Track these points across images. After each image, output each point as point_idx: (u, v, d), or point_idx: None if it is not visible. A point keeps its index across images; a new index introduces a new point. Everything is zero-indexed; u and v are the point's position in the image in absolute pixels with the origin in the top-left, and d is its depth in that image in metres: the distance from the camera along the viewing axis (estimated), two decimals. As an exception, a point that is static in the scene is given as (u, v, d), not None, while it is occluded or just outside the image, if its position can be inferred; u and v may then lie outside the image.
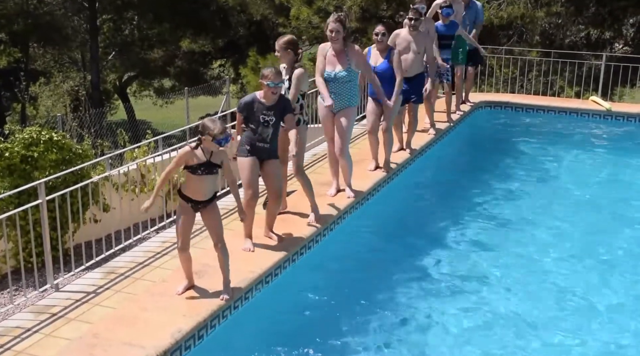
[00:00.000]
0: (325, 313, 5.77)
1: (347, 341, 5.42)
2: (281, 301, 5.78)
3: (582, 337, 5.64)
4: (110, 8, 26.83)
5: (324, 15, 17.22)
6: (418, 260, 6.78)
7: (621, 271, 6.76)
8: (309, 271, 6.26)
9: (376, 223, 7.51)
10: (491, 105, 11.96)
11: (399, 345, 5.42)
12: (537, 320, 5.83)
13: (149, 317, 5.03)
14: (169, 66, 27.23)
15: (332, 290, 6.13)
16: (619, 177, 9.60)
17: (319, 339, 5.40)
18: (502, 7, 15.78)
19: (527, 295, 6.24)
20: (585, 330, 5.74)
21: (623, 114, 11.43)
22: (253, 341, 5.33)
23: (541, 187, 9.07)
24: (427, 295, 6.15)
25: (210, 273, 5.63)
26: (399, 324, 5.68)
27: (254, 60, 19.43)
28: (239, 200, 5.61)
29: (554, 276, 6.60)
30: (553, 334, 5.65)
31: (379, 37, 7.68)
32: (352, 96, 7.17)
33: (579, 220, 7.95)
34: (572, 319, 5.89)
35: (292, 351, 5.22)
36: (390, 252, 6.93)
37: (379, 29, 7.66)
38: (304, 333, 5.50)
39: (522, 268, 6.77)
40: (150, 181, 8.14)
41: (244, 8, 21.45)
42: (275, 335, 5.44)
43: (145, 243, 6.52)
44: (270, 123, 6.06)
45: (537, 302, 6.12)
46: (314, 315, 5.72)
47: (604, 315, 5.96)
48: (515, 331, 5.69)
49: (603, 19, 16.70)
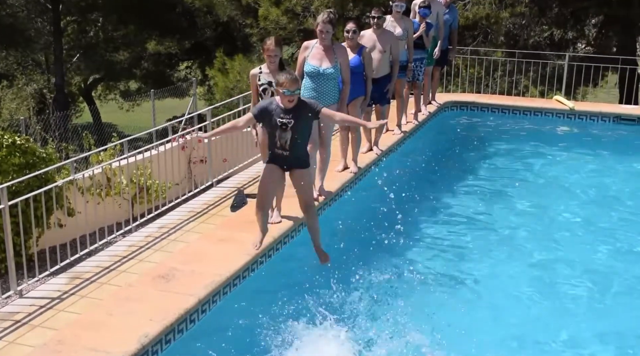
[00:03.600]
0: (294, 316, 5.75)
1: (319, 340, 5.42)
2: (249, 304, 5.75)
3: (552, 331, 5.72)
4: (74, 10, 26.47)
5: (292, 15, 17.24)
6: (386, 259, 6.80)
7: (592, 262, 6.94)
8: (278, 274, 6.24)
9: (345, 224, 7.51)
10: (457, 105, 12.07)
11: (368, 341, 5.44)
12: (510, 316, 5.91)
13: (115, 322, 4.97)
14: (134, 68, 26.97)
15: (302, 291, 6.11)
16: (582, 174, 9.76)
17: (291, 338, 5.39)
18: (467, 7, 15.96)
19: (495, 290, 6.31)
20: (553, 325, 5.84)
21: (586, 113, 11.62)
22: (222, 344, 5.30)
23: (507, 185, 9.18)
24: (396, 294, 6.16)
25: (177, 277, 5.59)
26: (366, 328, 5.67)
27: (221, 61, 19.35)
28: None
29: (521, 272, 6.69)
30: (527, 331, 5.75)
31: (350, 35, 7.64)
32: (335, 93, 7.12)
33: (544, 216, 8.06)
34: (542, 321, 5.97)
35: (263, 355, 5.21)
36: (358, 252, 6.93)
37: (349, 26, 7.64)
38: (274, 335, 5.47)
39: (490, 264, 6.85)
40: (117, 184, 8.06)
41: (210, 9, 21.34)
42: (245, 338, 5.41)
43: (112, 248, 6.44)
44: (288, 126, 5.72)
45: (507, 300, 6.19)
46: (282, 318, 5.70)
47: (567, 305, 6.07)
48: (486, 327, 5.75)
49: (566, 20, 16.98)
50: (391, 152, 9.31)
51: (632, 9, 16.20)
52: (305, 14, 16.91)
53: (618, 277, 6.78)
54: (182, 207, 7.40)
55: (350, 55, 7.52)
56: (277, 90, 5.77)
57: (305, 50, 7.14)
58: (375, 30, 8.54)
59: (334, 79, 7.05)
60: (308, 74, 7.03)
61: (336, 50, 7.02)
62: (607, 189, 9.26)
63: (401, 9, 9.18)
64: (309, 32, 17.57)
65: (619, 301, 6.35)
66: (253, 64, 18.75)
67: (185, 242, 6.41)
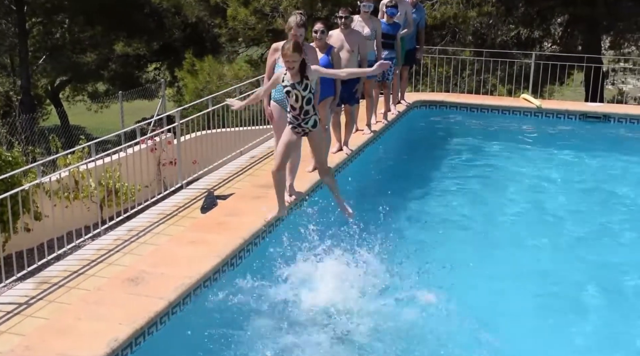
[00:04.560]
0: (265, 317, 5.75)
1: (289, 342, 5.42)
2: (220, 306, 5.73)
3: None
4: (40, 11, 26.11)
5: (260, 16, 17.21)
6: (358, 255, 6.80)
7: (558, 256, 7.07)
8: (248, 276, 6.21)
9: (316, 225, 7.52)
10: (426, 104, 12.14)
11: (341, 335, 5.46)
12: (477, 315, 5.96)
13: (84, 327, 4.92)
14: (102, 70, 26.66)
15: (271, 294, 6.11)
16: (549, 171, 9.90)
17: (260, 343, 5.38)
18: (435, 7, 16.07)
19: (461, 292, 6.34)
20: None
21: (552, 111, 11.77)
22: (192, 347, 5.27)
23: (476, 183, 9.27)
24: (357, 296, 6.17)
25: (146, 280, 5.55)
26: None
27: (190, 62, 19.23)
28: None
29: (486, 270, 6.75)
30: (494, 326, 5.80)
31: (318, 35, 7.66)
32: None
33: (512, 215, 8.16)
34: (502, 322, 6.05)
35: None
36: (328, 252, 6.94)
37: (317, 27, 7.66)
38: (245, 337, 5.46)
39: (460, 263, 6.88)
40: (85, 187, 7.98)
41: (178, 10, 21.19)
42: (217, 340, 5.39)
43: (80, 251, 6.37)
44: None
45: (472, 300, 6.24)
46: (254, 319, 5.69)
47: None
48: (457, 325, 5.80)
49: (532, 19, 17.19)
50: (361, 151, 9.34)
51: (597, 8, 16.47)
52: (274, 14, 16.89)
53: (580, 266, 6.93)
54: (152, 210, 7.35)
55: (319, 55, 7.53)
56: None
57: (275, 52, 7.15)
58: (343, 30, 8.56)
59: None
60: None
61: (306, 51, 7.02)
62: (572, 185, 9.42)
63: (369, 9, 9.22)
64: (278, 33, 17.56)
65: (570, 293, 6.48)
66: (222, 65, 18.70)
67: (155, 245, 6.37)
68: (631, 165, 10.14)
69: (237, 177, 8.33)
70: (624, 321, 6.07)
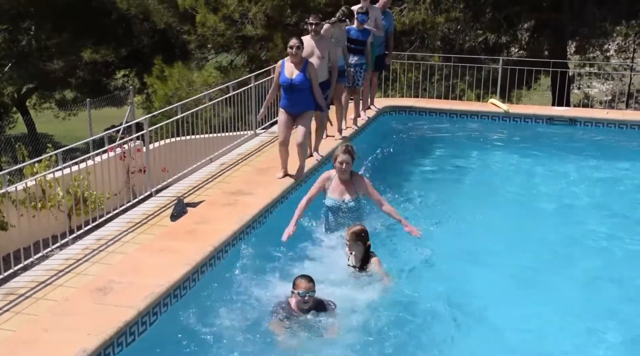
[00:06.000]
0: (237, 324, 5.72)
1: (259, 349, 5.40)
2: (191, 314, 5.69)
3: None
4: (5, 18, 25.70)
5: (229, 22, 17.15)
6: (326, 257, 6.83)
7: (528, 255, 7.19)
8: (218, 284, 6.18)
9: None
10: (396, 109, 12.21)
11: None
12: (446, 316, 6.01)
13: (52, 338, 4.84)
14: (70, 77, 26.30)
15: (242, 301, 6.08)
16: (517, 174, 10.03)
17: (231, 350, 5.35)
18: (403, 13, 16.17)
19: (432, 296, 6.38)
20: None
21: (520, 115, 11.92)
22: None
23: (445, 187, 9.33)
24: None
25: (115, 289, 5.49)
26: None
27: (159, 69, 19.07)
28: None
29: (457, 273, 6.80)
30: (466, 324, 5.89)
31: (294, 51, 7.74)
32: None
33: (482, 217, 8.21)
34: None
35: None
36: (299, 255, 6.95)
37: (293, 42, 7.77)
38: (216, 344, 5.43)
39: (428, 265, 6.93)
40: (52, 197, 7.87)
41: (147, 16, 21.03)
42: (186, 348, 5.35)
43: (47, 261, 6.28)
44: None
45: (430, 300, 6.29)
46: (226, 327, 5.66)
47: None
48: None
49: (499, 24, 17.38)
50: (331, 157, 9.33)
51: (562, 13, 16.72)
52: (243, 21, 16.86)
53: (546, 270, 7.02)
54: (121, 218, 7.28)
55: (295, 71, 7.76)
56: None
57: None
58: (314, 36, 8.59)
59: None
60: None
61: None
62: (538, 188, 9.56)
63: (343, 16, 9.28)
64: (247, 39, 17.55)
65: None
66: (192, 72, 18.60)
67: (124, 253, 6.31)
68: (596, 168, 10.31)
69: (207, 184, 8.29)
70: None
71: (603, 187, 9.61)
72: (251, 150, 9.66)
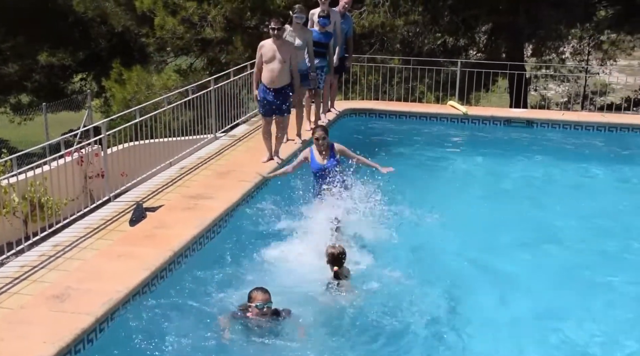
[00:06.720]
0: (196, 329, 5.67)
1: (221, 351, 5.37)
2: (150, 320, 5.62)
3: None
4: (-42, 20, 25.18)
5: (189, 25, 17.03)
6: (291, 257, 6.83)
7: (493, 254, 7.35)
8: (178, 289, 6.12)
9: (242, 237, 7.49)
10: (356, 112, 12.27)
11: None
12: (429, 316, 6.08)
13: (6, 347, 4.75)
14: (26, 81, 25.82)
15: (202, 305, 6.03)
16: (475, 176, 10.15)
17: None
18: (363, 16, 16.24)
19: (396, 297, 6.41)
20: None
21: (478, 117, 12.08)
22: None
23: (405, 188, 9.36)
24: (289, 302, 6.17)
25: (73, 296, 5.41)
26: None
27: (117, 72, 18.85)
28: None
29: (422, 272, 6.85)
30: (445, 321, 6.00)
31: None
32: None
33: (441, 217, 8.28)
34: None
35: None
36: (262, 259, 6.93)
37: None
38: (176, 349, 5.38)
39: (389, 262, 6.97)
40: (7, 203, 7.71)
41: (104, 19, 20.78)
42: (145, 353, 5.29)
43: (2, 269, 6.16)
44: None
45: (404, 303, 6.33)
46: (185, 332, 5.60)
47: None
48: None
49: (457, 27, 17.57)
50: (291, 160, 9.33)
51: (519, 16, 16.97)
52: (203, 24, 16.75)
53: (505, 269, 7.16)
54: (79, 224, 7.18)
55: None
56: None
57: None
58: (276, 41, 8.58)
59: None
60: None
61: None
62: (497, 188, 9.70)
63: (301, 21, 9.29)
64: (206, 42, 17.44)
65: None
66: (151, 75, 18.42)
67: (82, 260, 6.22)
68: (553, 168, 10.49)
69: (167, 188, 8.22)
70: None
71: (560, 186, 9.79)
72: (211, 154, 9.60)
